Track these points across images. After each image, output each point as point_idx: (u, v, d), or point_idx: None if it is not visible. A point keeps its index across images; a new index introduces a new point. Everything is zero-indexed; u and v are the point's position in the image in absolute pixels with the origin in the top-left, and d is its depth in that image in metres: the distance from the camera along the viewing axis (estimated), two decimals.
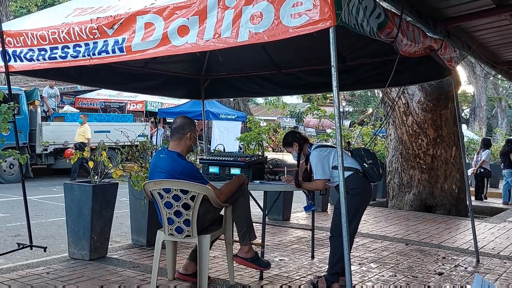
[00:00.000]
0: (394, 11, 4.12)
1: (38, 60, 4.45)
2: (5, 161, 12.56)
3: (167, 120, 21.96)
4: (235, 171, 5.04)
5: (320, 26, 3.12)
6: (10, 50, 4.65)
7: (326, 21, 3.10)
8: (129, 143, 6.43)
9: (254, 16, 3.32)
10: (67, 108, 17.77)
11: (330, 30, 3.12)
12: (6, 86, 5.02)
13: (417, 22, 4.65)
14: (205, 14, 3.50)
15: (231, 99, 23.86)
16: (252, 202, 4.54)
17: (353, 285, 4.25)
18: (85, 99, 21.64)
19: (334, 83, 3.16)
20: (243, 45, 3.47)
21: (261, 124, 12.82)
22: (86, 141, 13.26)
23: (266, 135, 9.31)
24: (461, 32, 5.67)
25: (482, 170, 13.19)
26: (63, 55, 4.26)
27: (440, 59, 5.16)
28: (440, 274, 5.20)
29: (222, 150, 5.80)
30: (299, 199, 9.72)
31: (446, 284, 4.87)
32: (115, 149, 7.71)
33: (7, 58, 4.68)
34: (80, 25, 4.09)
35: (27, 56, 4.51)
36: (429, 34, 4.78)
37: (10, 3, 22.20)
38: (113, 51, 3.97)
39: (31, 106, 13.85)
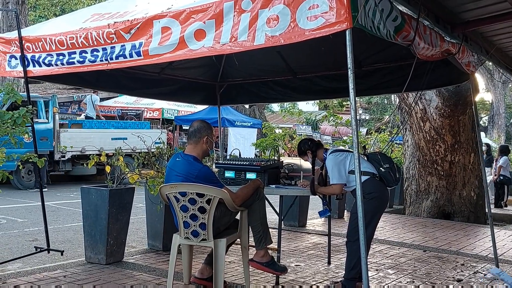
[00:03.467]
0: (411, 14, 4.10)
1: (56, 65, 4.49)
2: (24, 167, 12.69)
3: (183, 127, 22.04)
4: (250, 175, 5.03)
5: (336, 28, 3.11)
6: (28, 56, 4.70)
7: (343, 23, 3.08)
8: (146, 150, 6.46)
9: (271, 19, 3.32)
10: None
11: (347, 32, 3.10)
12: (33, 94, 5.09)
13: (435, 26, 4.62)
14: (221, 17, 3.51)
15: (247, 107, 23.90)
16: (268, 208, 4.52)
17: None
18: (102, 106, 21.81)
19: (351, 85, 3.14)
20: (259, 49, 3.48)
21: (277, 131, 12.81)
22: None
23: (282, 141, 9.27)
24: (479, 37, 5.62)
25: (501, 177, 13.00)
26: (81, 59, 4.30)
27: (458, 63, 5.10)
28: (459, 280, 5.12)
29: (238, 155, 5.80)
30: (315, 206, 9.67)
31: None
32: (132, 155, 7.79)
33: (26, 63, 4.73)
34: (97, 30, 4.13)
35: (46, 61, 4.56)
36: (446, 38, 4.75)
37: (30, 12, 22.56)
38: (131, 56, 3.99)
39: None
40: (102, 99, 21.96)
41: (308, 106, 37.82)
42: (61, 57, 4.43)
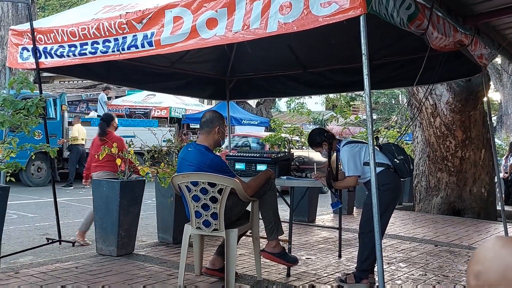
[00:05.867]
0: (424, 3, 4.07)
1: (68, 56, 4.51)
2: (33, 165, 12.76)
3: (191, 126, 22.09)
4: (261, 167, 5.01)
5: (350, 14, 3.10)
6: (40, 47, 4.72)
7: (357, 9, 3.08)
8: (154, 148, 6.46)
9: (283, 6, 3.31)
10: (93, 114, 18.02)
11: (361, 18, 3.09)
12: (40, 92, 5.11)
13: (446, 17, 4.59)
14: (233, 6, 3.51)
15: (254, 106, 23.91)
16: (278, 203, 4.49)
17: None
18: (110, 105, 21.87)
19: (365, 71, 3.13)
20: (269, 43, 3.47)
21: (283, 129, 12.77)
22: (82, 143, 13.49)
23: (291, 135, 9.26)
24: (491, 30, 5.58)
25: None
26: (93, 50, 4.31)
27: (471, 55, 5.07)
28: None
29: (249, 147, 5.79)
30: (324, 203, 9.66)
31: None
32: (140, 153, 7.82)
33: (38, 55, 4.75)
34: (109, 21, 4.14)
35: (58, 52, 4.58)
36: (459, 29, 4.71)
37: (38, 12, 22.66)
38: (142, 46, 4.00)
39: None
40: (110, 98, 22.01)
41: (315, 106, 37.75)
42: (73, 48, 4.44)
